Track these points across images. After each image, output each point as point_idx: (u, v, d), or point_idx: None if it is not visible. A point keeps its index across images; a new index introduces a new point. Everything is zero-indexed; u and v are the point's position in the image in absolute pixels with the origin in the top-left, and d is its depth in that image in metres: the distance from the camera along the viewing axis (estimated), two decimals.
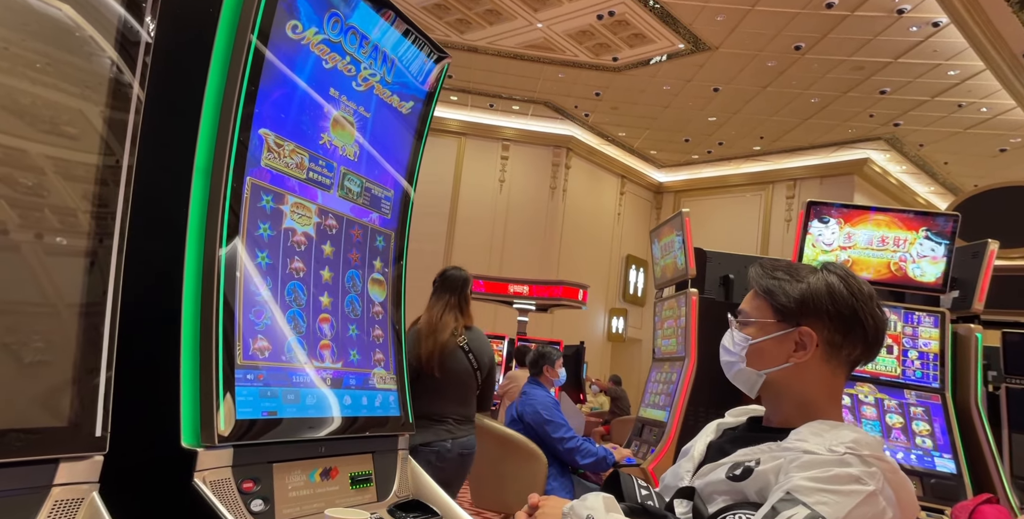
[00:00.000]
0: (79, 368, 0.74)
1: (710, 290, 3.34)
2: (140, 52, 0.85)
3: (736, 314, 0.92)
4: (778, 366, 0.85)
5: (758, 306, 0.88)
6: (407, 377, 1.49)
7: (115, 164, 0.84)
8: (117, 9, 0.83)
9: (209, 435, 0.93)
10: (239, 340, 1.05)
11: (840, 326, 0.83)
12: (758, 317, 0.87)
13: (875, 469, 0.72)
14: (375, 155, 1.48)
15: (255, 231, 1.14)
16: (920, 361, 2.72)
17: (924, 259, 2.82)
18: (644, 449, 3.10)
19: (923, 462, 2.49)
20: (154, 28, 0.87)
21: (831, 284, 0.84)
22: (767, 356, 0.86)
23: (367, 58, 1.38)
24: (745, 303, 0.91)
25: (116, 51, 0.83)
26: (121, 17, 0.83)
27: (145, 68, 0.86)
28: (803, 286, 0.84)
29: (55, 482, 0.69)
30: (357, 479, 1.21)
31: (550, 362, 3.02)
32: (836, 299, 0.83)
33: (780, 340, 0.85)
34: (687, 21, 7.20)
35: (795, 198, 11.01)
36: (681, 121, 9.96)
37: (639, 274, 12.45)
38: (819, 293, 0.83)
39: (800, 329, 0.84)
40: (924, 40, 6.93)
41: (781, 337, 0.85)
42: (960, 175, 10.62)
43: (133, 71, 0.84)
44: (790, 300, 0.84)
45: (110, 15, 0.83)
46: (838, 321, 0.83)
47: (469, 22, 7.88)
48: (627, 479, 0.93)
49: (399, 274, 1.56)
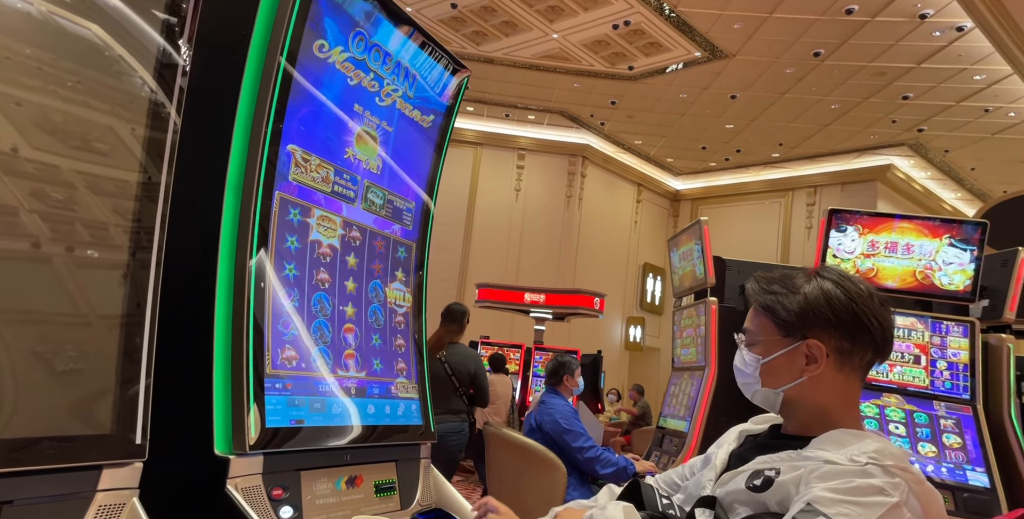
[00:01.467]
0: (121, 377, 0.77)
1: (730, 299, 3.30)
2: (178, 76, 0.89)
3: (742, 332, 0.91)
4: (793, 381, 0.84)
5: (761, 323, 0.87)
6: (428, 386, 1.50)
7: (153, 181, 0.88)
8: (156, 38, 0.88)
9: (240, 443, 0.96)
10: (268, 350, 1.08)
11: (846, 333, 0.82)
12: (763, 335, 0.86)
13: (899, 480, 0.70)
14: (397, 168, 1.51)
15: (283, 244, 1.17)
16: (949, 372, 2.65)
17: (950, 266, 2.76)
18: (665, 459, 3.06)
19: (955, 475, 2.42)
20: (190, 54, 0.92)
21: (827, 291, 0.82)
22: (780, 373, 0.85)
23: (390, 74, 1.42)
24: (748, 321, 0.90)
25: (154, 78, 0.88)
26: (160, 46, 0.88)
27: (182, 93, 0.90)
28: (800, 298, 0.83)
29: (99, 488, 0.72)
30: (381, 487, 1.22)
31: (570, 371, 3.02)
32: (835, 306, 0.81)
33: (790, 355, 0.84)
34: (703, 29, 7.20)
35: (816, 205, 10.84)
36: (698, 129, 9.91)
37: (656, 282, 12.35)
38: (817, 302, 0.82)
39: (808, 342, 0.82)
40: (948, 45, 6.81)
41: (790, 352, 0.84)
42: (988, 181, 10.36)
43: (170, 97, 0.89)
44: (791, 314, 0.83)
45: (149, 43, 0.87)
46: (843, 328, 0.81)
47: (485, 34, 7.98)
48: (647, 488, 0.93)
49: (420, 284, 1.59)
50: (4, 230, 0.69)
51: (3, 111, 0.70)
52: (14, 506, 0.65)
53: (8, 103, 0.71)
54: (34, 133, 0.73)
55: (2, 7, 0.70)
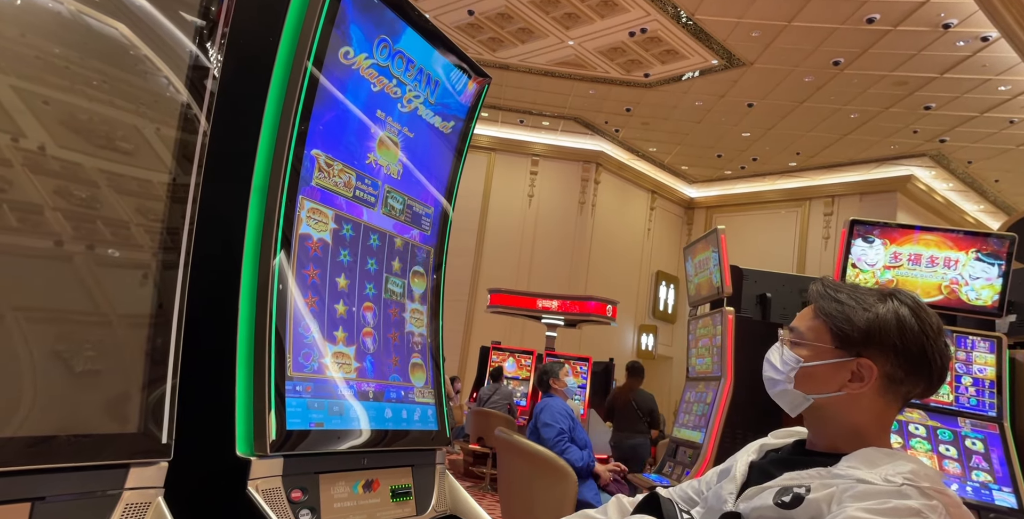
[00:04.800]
0: (149, 377, 0.78)
1: (747, 309, 3.26)
2: (208, 80, 0.91)
3: (789, 329, 0.87)
4: (829, 393, 0.81)
5: (816, 328, 0.84)
6: (444, 392, 1.50)
7: (182, 183, 0.89)
8: (187, 43, 0.90)
9: (262, 444, 0.97)
10: (289, 353, 1.09)
11: (905, 363, 0.79)
12: (814, 340, 0.83)
13: (936, 503, 0.69)
14: (417, 173, 1.52)
15: (306, 247, 1.18)
16: (975, 388, 2.58)
17: (977, 281, 2.70)
18: (679, 470, 3.02)
19: (980, 495, 2.35)
20: (220, 58, 0.93)
21: (902, 317, 0.79)
22: (819, 381, 0.82)
23: (412, 80, 1.43)
24: (801, 321, 0.87)
25: (185, 82, 0.89)
26: (192, 52, 0.90)
27: (212, 96, 0.92)
28: (870, 316, 0.80)
29: (127, 486, 0.73)
30: (397, 492, 1.22)
31: (553, 375, 3.31)
32: (906, 334, 0.78)
33: (835, 367, 0.81)
34: (721, 37, 7.18)
35: (833, 215, 10.71)
36: (713, 136, 9.86)
37: (669, 290, 12.26)
38: (888, 326, 0.79)
39: (860, 360, 0.80)
40: (972, 55, 6.72)
41: (837, 364, 0.81)
42: (1013, 193, 10.16)
43: (201, 100, 0.90)
44: (854, 329, 0.80)
45: (181, 49, 0.89)
46: (904, 357, 0.78)
47: (501, 40, 8.04)
48: (667, 502, 0.91)
49: (437, 288, 1.59)
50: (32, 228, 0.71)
51: (31, 109, 0.71)
52: (46, 502, 0.66)
53: (36, 102, 0.72)
54: (61, 132, 0.75)
55: (31, 6, 0.72)
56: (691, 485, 1.01)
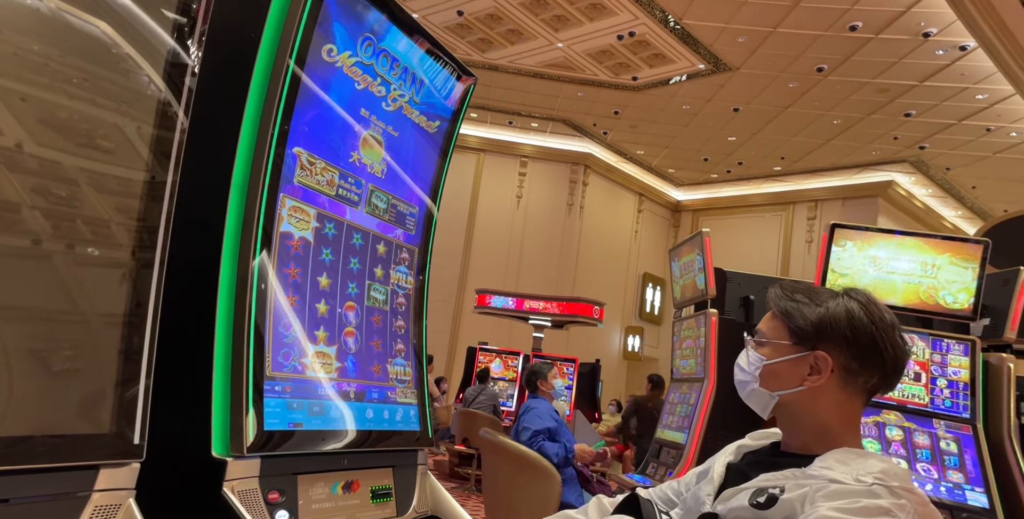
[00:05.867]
0: (121, 376, 0.77)
1: (730, 311, 3.30)
2: (187, 78, 0.90)
3: (753, 334, 0.91)
4: (791, 389, 0.84)
5: (775, 327, 0.88)
6: (427, 392, 1.50)
7: (158, 180, 0.88)
8: (166, 38, 0.89)
9: (238, 445, 0.95)
10: (268, 352, 1.08)
11: (858, 353, 0.82)
12: (774, 338, 0.87)
13: (905, 501, 0.70)
14: (401, 173, 1.52)
15: (286, 246, 1.17)
16: (949, 390, 2.64)
17: (953, 285, 2.76)
18: (662, 471, 3.04)
19: (954, 495, 2.40)
20: (199, 55, 0.92)
21: (851, 310, 0.83)
22: (781, 378, 0.85)
23: (397, 79, 1.43)
24: (762, 323, 0.91)
25: (163, 78, 0.88)
26: (170, 46, 0.89)
27: (190, 93, 0.90)
28: (822, 310, 0.84)
29: (96, 488, 0.71)
30: (378, 493, 1.21)
31: (542, 376, 3.27)
32: (855, 325, 0.82)
33: (795, 363, 0.84)
34: (708, 42, 7.25)
35: (816, 219, 10.87)
36: (700, 140, 9.96)
37: (656, 292, 12.34)
38: (838, 318, 0.83)
39: (816, 353, 0.83)
40: (951, 64, 6.87)
41: (796, 360, 0.84)
42: (989, 200, 10.39)
43: (178, 96, 0.89)
44: (807, 323, 0.84)
45: (159, 44, 0.88)
46: (856, 348, 0.82)
47: (491, 42, 8.05)
48: (646, 503, 0.92)
49: (421, 289, 1.59)
50: (6, 226, 0.69)
51: (8, 107, 0.70)
52: (10, 505, 0.64)
53: (13, 99, 0.71)
54: (39, 129, 0.73)
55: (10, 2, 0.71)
56: (671, 486, 1.02)
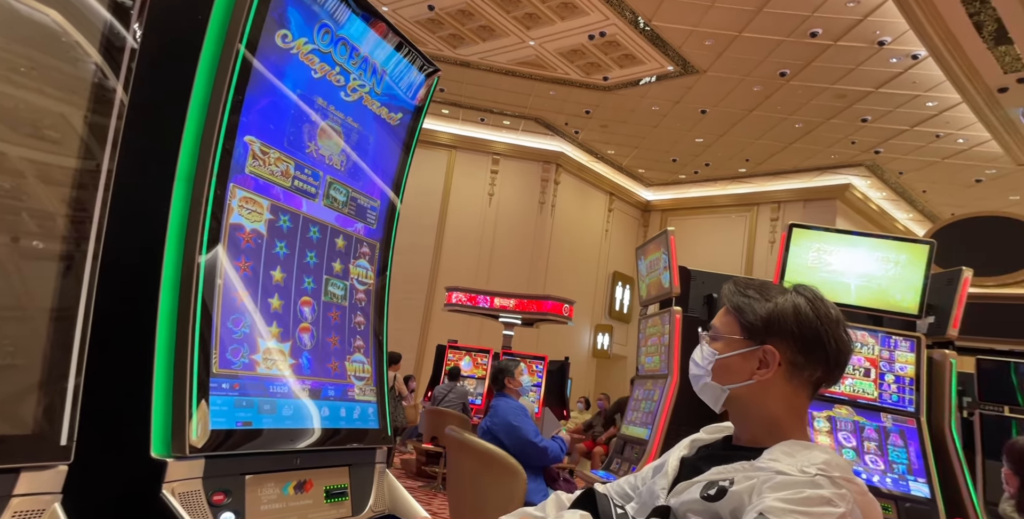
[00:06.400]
0: (46, 374, 0.72)
1: (694, 309, 3.35)
2: (125, 57, 0.85)
3: (708, 329, 0.93)
4: (741, 382, 0.86)
5: (727, 323, 0.90)
6: (387, 389, 1.47)
7: (95, 168, 0.83)
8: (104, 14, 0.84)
9: (180, 445, 0.91)
10: (216, 348, 1.03)
11: (802, 347, 0.85)
12: (726, 333, 0.89)
13: (845, 491, 0.72)
14: (362, 165, 1.48)
15: (237, 238, 1.13)
16: (896, 385, 2.75)
17: (902, 284, 2.87)
18: (625, 467, 3.08)
19: (898, 486, 2.50)
20: (140, 34, 0.87)
21: (798, 306, 0.86)
22: (732, 372, 0.87)
23: (357, 69, 1.39)
24: (716, 319, 0.93)
25: (101, 56, 0.83)
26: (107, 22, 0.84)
27: (130, 73, 0.86)
28: (771, 306, 0.86)
29: (15, 492, 0.67)
30: (332, 493, 1.18)
31: (509, 374, 3.25)
32: (801, 321, 0.85)
33: (745, 357, 0.87)
34: (676, 44, 7.37)
35: (779, 220, 11.19)
36: (669, 141, 10.13)
37: (625, 291, 12.50)
38: (785, 314, 0.85)
39: (764, 347, 0.85)
40: (904, 72, 7.16)
41: (746, 354, 0.87)
42: (938, 203, 10.89)
43: (117, 76, 0.84)
44: (757, 318, 0.86)
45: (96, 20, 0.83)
46: (801, 342, 0.85)
47: (462, 38, 7.99)
48: (602, 498, 0.92)
49: (383, 285, 1.55)
50: None
51: None
52: None
53: None
54: None
55: None
56: (627, 481, 1.03)
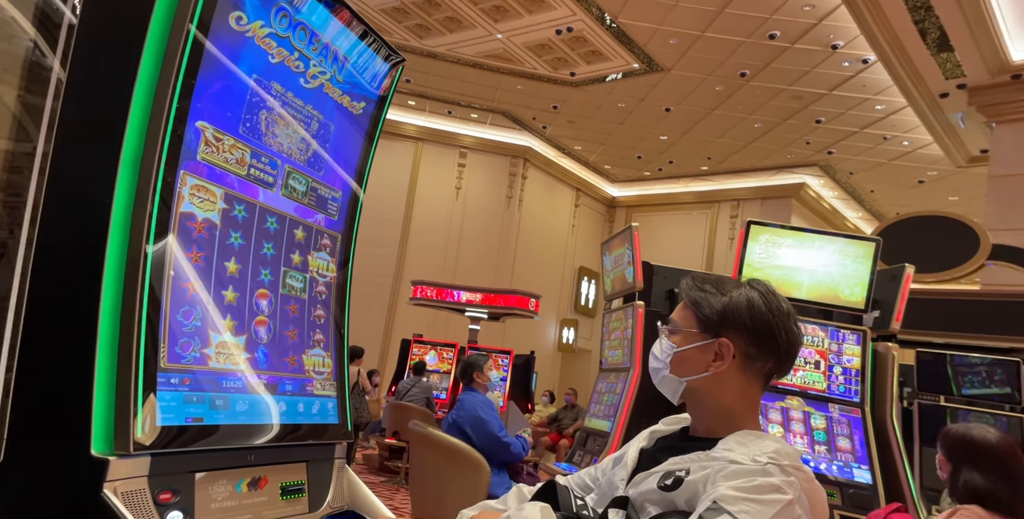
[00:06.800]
0: None
1: (656, 303, 3.43)
2: (62, 33, 0.80)
3: (667, 323, 0.95)
4: (698, 374, 0.89)
5: (685, 316, 0.92)
6: (348, 383, 1.45)
7: (31, 151, 0.78)
8: None
9: (124, 443, 0.87)
10: (164, 342, 0.99)
11: (755, 339, 0.87)
12: (684, 327, 0.91)
13: (793, 478, 0.75)
14: (323, 154, 1.44)
15: (188, 227, 1.08)
16: (844, 377, 2.89)
17: (850, 280, 3.01)
18: (587, 459, 3.13)
19: (843, 473, 2.63)
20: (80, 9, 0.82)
21: (751, 299, 0.89)
22: (689, 364, 0.90)
23: (317, 55, 1.35)
24: (675, 313, 0.95)
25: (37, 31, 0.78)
26: None
27: (68, 50, 0.80)
28: (726, 300, 0.89)
29: None
30: (288, 489, 1.16)
31: (478, 368, 3.26)
32: (754, 314, 0.87)
33: (701, 350, 0.89)
34: (642, 42, 7.47)
35: (738, 218, 11.52)
36: (634, 138, 10.27)
37: (591, 286, 12.66)
38: (739, 307, 0.88)
39: (720, 340, 0.88)
40: (855, 75, 7.46)
41: (703, 347, 0.89)
42: (885, 203, 11.44)
43: (54, 53, 0.79)
44: (713, 312, 0.89)
45: None
46: (754, 335, 0.87)
47: (428, 28, 7.87)
48: (562, 489, 0.94)
49: (344, 278, 1.52)
50: None
51: None
52: None
53: None
54: None
55: None
56: (588, 472, 1.05)
